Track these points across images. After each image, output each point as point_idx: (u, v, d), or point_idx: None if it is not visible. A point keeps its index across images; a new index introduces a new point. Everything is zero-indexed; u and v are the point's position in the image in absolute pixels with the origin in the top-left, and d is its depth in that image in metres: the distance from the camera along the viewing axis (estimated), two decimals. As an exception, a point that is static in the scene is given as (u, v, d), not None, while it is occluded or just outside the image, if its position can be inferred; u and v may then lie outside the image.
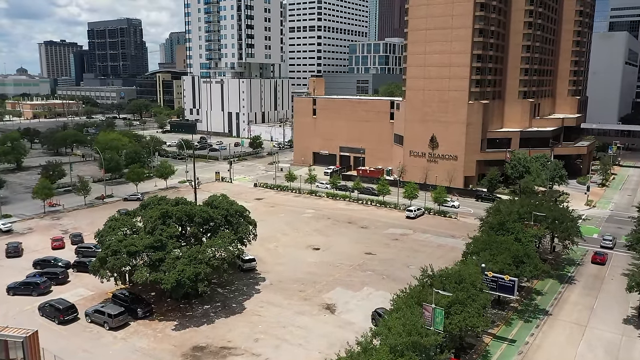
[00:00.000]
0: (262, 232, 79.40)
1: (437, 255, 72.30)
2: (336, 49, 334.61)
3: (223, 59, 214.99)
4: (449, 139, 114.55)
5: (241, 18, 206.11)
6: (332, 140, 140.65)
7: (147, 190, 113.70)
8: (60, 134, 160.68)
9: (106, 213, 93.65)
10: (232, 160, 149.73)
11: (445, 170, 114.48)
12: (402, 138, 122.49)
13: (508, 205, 65.98)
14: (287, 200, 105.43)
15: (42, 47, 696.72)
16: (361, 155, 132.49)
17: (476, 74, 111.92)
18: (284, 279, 63.49)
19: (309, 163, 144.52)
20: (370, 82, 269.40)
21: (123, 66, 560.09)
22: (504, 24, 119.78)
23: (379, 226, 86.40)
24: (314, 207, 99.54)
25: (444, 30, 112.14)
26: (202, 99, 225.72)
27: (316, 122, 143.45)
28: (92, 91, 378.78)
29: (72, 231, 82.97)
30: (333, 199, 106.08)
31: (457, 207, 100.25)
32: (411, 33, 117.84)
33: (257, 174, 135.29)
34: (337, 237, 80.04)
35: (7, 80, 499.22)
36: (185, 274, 48.67)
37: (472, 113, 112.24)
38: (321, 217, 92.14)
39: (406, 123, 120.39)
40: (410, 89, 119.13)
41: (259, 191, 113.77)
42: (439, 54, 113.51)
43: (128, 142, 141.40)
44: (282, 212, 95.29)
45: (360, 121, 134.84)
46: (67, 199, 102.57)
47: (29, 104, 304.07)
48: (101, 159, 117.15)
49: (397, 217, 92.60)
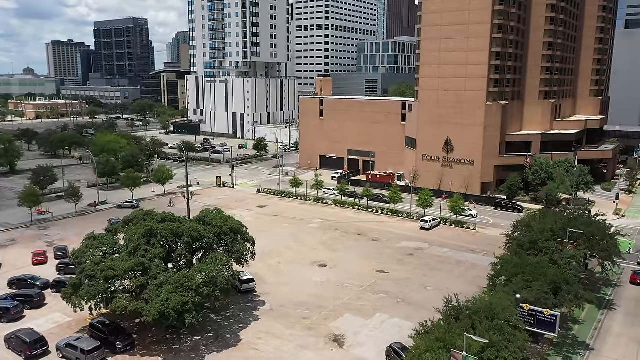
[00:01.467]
0: (263, 245, 72.71)
1: (456, 274, 65.02)
2: (344, 48, 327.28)
3: (227, 58, 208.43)
4: (465, 143, 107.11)
5: (246, 16, 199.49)
6: (339, 143, 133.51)
7: (144, 196, 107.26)
8: (57, 136, 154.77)
9: (97, 222, 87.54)
10: (235, 164, 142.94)
11: (461, 176, 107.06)
12: (414, 141, 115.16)
13: (540, 221, 58.39)
14: (292, 208, 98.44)
15: (49, 47, 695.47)
16: (371, 159, 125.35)
17: (495, 72, 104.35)
18: (286, 302, 56.46)
19: (316, 167, 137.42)
20: (379, 82, 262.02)
21: (129, 66, 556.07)
22: (524, 20, 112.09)
23: (391, 239, 79.17)
24: (320, 216, 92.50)
25: (460, 26, 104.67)
26: (206, 99, 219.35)
27: (323, 124, 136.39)
28: (96, 91, 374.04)
29: (57, 243, 76.51)
30: (341, 207, 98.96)
31: (474, 216, 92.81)
32: (424, 29, 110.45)
33: (260, 178, 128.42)
34: (346, 252, 72.90)
35: (12, 80, 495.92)
36: (170, 304, 41.80)
37: (490, 115, 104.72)
38: (328, 227, 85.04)
39: (419, 125, 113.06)
40: (424, 89, 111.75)
41: (262, 198, 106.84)
42: (454, 52, 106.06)
43: (126, 145, 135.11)
44: (286, 222, 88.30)
45: (369, 123, 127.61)
46: (58, 206, 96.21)
47: (31, 104, 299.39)
48: (94, 162, 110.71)
49: (411, 228, 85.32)
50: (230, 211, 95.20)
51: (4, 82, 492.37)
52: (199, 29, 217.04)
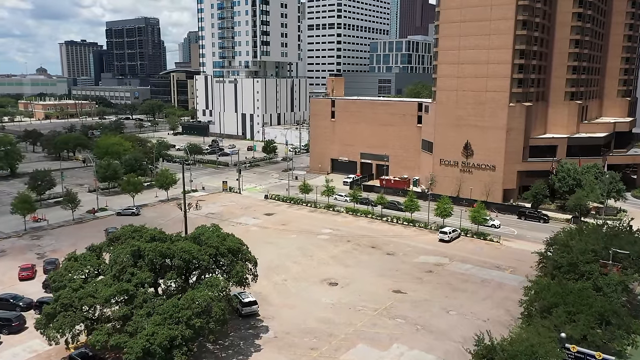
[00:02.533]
0: (269, 259, 67.08)
1: (481, 295, 58.60)
2: (356, 48, 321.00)
3: (237, 57, 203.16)
4: (485, 146, 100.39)
5: (256, 14, 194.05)
6: (352, 146, 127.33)
7: (146, 202, 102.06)
8: (61, 138, 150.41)
9: (94, 231, 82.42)
10: (242, 168, 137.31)
11: (482, 182, 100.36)
12: (431, 144, 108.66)
13: (580, 239, 51.71)
14: (301, 216, 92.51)
15: (62, 47, 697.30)
16: (385, 163, 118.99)
17: (518, 72, 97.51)
18: (292, 328, 50.49)
19: (327, 171, 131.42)
20: (392, 82, 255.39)
21: (140, 66, 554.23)
22: (549, 16, 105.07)
23: (408, 252, 72.86)
24: (331, 225, 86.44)
25: (482, 23, 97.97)
26: (215, 99, 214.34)
27: (335, 126, 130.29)
28: (106, 91, 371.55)
29: (48, 255, 71.37)
30: (353, 215, 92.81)
31: (497, 227, 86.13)
32: (443, 26, 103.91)
33: (269, 182, 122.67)
34: (358, 268, 66.74)
35: (24, 80, 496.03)
36: (157, 340, 36.07)
37: (513, 117, 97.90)
38: (339, 239, 78.94)
39: (436, 128, 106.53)
40: (441, 90, 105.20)
41: (269, 204, 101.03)
42: (475, 50, 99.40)
43: (130, 147, 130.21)
44: (294, 232, 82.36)
45: (383, 125, 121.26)
46: (55, 213, 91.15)
47: (40, 104, 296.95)
48: (91, 165, 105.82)
49: (429, 240, 78.92)
50: (235, 219, 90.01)
51: (17, 82, 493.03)
52: (208, 28, 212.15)
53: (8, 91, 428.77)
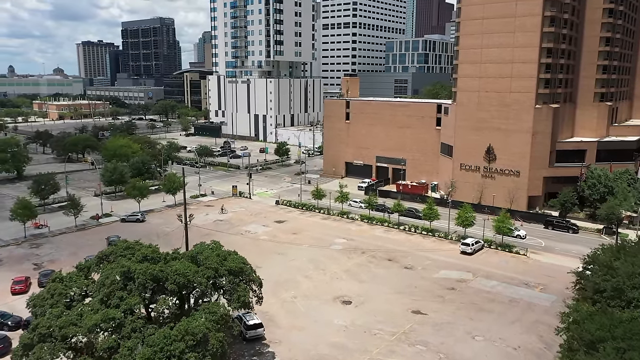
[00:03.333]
0: (278, 273, 62.51)
1: (510, 318, 53.21)
2: (372, 47, 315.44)
3: (250, 57, 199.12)
4: (509, 151, 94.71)
5: (269, 13, 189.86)
6: (367, 149, 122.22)
7: (152, 207, 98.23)
8: (70, 139, 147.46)
9: (95, 238, 78.62)
10: (253, 171, 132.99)
11: (505, 189, 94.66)
12: (451, 148, 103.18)
13: (625, 260, 46.01)
14: (314, 224, 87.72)
15: (79, 47, 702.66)
16: (401, 167, 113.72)
17: (545, 72, 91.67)
18: (301, 355, 45.73)
19: (341, 174, 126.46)
20: (409, 82, 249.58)
21: (155, 66, 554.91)
22: (578, 12, 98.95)
23: (427, 266, 67.64)
24: (345, 234, 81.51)
25: (506, 19, 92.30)
26: (228, 100, 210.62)
27: (349, 128, 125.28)
28: (120, 91, 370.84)
29: (46, 266, 67.64)
30: (368, 224, 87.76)
31: (523, 237, 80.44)
32: (464, 23, 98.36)
33: (281, 187, 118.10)
34: (374, 284, 61.72)
35: (41, 80, 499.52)
36: (144, 377, 31.59)
37: (539, 119, 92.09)
38: (354, 250, 73.98)
39: (456, 130, 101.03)
40: (462, 90, 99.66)
41: (280, 211, 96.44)
42: (498, 48, 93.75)
43: (139, 149, 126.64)
44: (305, 242, 77.59)
45: (400, 127, 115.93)
46: (58, 219, 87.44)
47: (54, 104, 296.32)
48: (101, 169, 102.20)
49: (450, 252, 73.58)
50: (244, 226, 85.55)
51: (33, 82, 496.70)
52: (220, 27, 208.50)
53: (25, 91, 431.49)
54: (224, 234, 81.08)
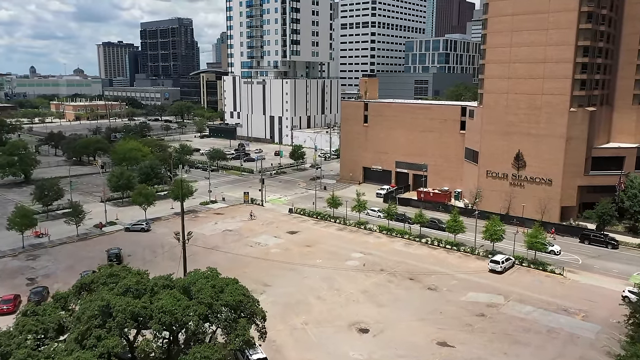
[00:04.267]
0: (289, 292, 56.96)
1: (551, 353, 46.70)
2: (391, 47, 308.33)
3: (265, 57, 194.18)
4: (541, 157, 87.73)
5: (286, 12, 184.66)
6: (386, 154, 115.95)
7: (160, 214, 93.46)
8: (80, 142, 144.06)
9: (96, 250, 73.85)
10: (266, 176, 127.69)
11: (535, 198, 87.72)
12: (476, 154, 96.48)
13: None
14: (328, 235, 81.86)
15: (100, 48, 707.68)
16: (423, 173, 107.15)
17: (581, 72, 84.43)
18: (311, 397, 39.99)
19: (358, 180, 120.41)
20: (430, 83, 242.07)
21: (173, 66, 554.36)
22: (616, 7, 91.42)
23: (453, 287, 61.31)
24: (362, 248, 75.50)
25: (538, 15, 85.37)
26: (243, 101, 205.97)
27: (368, 131, 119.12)
28: (137, 92, 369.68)
29: (39, 281, 63.01)
30: (388, 236, 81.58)
31: (557, 253, 73.51)
32: (492, 20, 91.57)
33: (295, 193, 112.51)
34: (394, 308, 55.61)
35: (60, 81, 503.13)
36: None
37: (574, 123, 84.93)
38: (372, 267, 67.93)
39: (482, 135, 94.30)
40: (489, 92, 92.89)
41: (293, 220, 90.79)
42: (529, 47, 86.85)
43: (149, 153, 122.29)
44: (319, 256, 71.81)
45: (422, 131, 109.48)
46: (60, 227, 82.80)
47: (71, 105, 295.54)
48: (108, 171, 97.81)
49: (477, 270, 67.10)
50: (254, 238, 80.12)
51: (53, 82, 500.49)
52: (236, 27, 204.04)
53: (45, 92, 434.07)
54: (232, 246, 75.81)
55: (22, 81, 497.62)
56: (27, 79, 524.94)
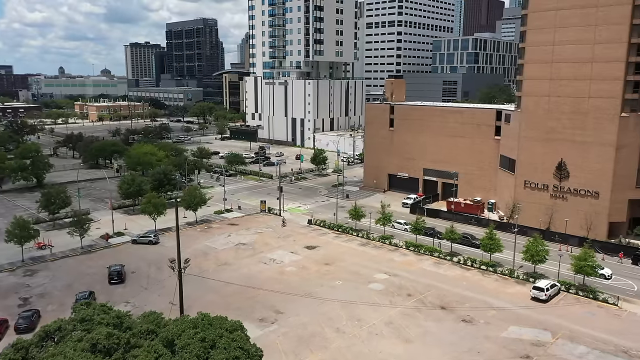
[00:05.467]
0: (303, 322, 50.66)
1: (613, 410, 38.90)
2: (418, 47, 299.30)
3: (288, 57, 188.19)
4: (586, 167, 79.16)
5: (309, 11, 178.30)
6: (413, 160, 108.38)
7: (171, 224, 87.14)
8: (96, 144, 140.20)
9: (100, 265, 68.39)
10: (286, 181, 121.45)
11: (580, 212, 79.19)
12: (513, 162, 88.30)
13: None
14: (350, 252, 74.89)
15: (127, 49, 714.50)
16: (453, 181, 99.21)
17: (635, 73, 75.57)
18: None
19: (383, 188, 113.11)
20: (459, 84, 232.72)
21: (198, 67, 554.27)
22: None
23: (491, 319, 53.70)
24: (387, 267, 68.31)
25: (586, 10, 76.89)
26: (264, 102, 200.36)
27: (393, 136, 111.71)
28: (161, 92, 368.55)
29: (34, 301, 57.73)
30: (415, 253, 74.18)
31: (608, 277, 65.10)
32: (532, 16, 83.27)
33: (315, 201, 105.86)
34: (424, 345, 48.34)
35: (87, 81, 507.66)
36: None
37: (625, 130, 76.20)
38: (398, 290, 60.75)
39: (520, 142, 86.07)
40: (528, 95, 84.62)
41: (312, 233, 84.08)
42: (575, 45, 78.39)
43: (164, 157, 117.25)
44: (339, 276, 64.95)
45: (452, 136, 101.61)
46: (65, 237, 77.24)
47: (94, 105, 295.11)
48: (121, 175, 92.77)
49: (517, 297, 59.29)
50: (269, 253, 73.62)
51: (80, 83, 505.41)
52: (258, 26, 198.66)
53: (71, 92, 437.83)
54: (245, 263, 69.54)
55: (50, 81, 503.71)
56: (54, 79, 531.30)
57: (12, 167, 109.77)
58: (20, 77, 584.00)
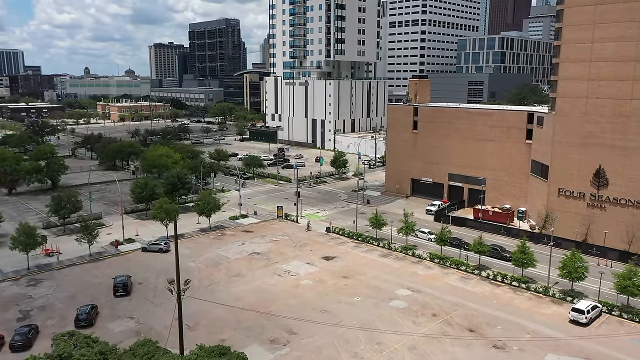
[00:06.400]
0: (318, 345, 46.58)
1: None
2: (442, 46, 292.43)
3: (308, 57, 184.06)
4: (628, 175, 73.02)
5: (330, 9, 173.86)
6: (438, 165, 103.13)
7: (184, 230, 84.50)
8: (113, 146, 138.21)
9: (106, 275, 65.11)
10: (305, 185, 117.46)
11: (621, 224, 73.13)
12: (546, 168, 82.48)
13: None
14: (370, 264, 70.24)
15: (151, 49, 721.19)
16: (480, 187, 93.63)
17: (683, 72, 69.31)
18: None
19: (406, 193, 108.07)
20: (485, 84, 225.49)
21: (220, 67, 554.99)
22: None
23: (525, 345, 48.51)
24: (409, 282, 63.52)
25: (629, 4, 70.84)
26: (284, 103, 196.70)
27: (417, 139, 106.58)
28: (182, 92, 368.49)
29: (34, 315, 54.59)
30: (440, 266, 69.14)
31: (654, 297, 59.09)
32: (569, 11, 77.38)
33: (334, 207, 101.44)
34: (451, 374, 43.60)
35: (111, 81, 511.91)
36: None
37: (672, 135, 69.87)
38: (421, 309, 55.90)
39: (554, 146, 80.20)
40: (564, 96, 78.69)
41: (331, 242, 79.63)
42: (616, 42, 72.34)
43: (180, 160, 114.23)
44: (358, 292, 60.38)
45: (480, 140, 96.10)
46: (74, 244, 74.18)
47: (116, 106, 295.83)
48: (137, 177, 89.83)
49: (554, 319, 53.87)
50: (284, 264, 69.43)
51: (104, 83, 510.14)
52: (279, 25, 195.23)
53: (95, 92, 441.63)
54: (258, 274, 65.51)
55: (75, 82, 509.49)
56: (79, 80, 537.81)
57: (27, 169, 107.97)
58: (47, 78, 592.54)
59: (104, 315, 54.46)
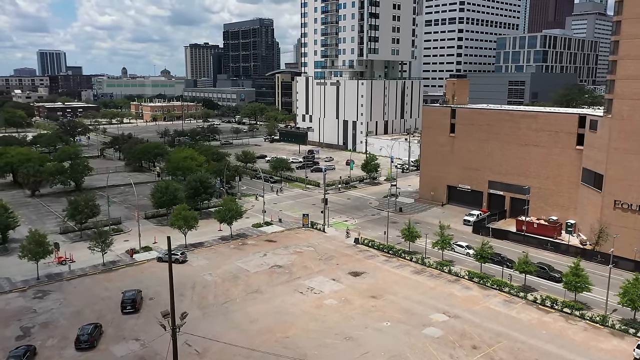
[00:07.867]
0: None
1: None
2: (480, 44, 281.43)
3: (340, 56, 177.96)
4: (697, 187, 64.36)
5: (364, 6, 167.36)
6: (477, 171, 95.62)
7: (204, 238, 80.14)
8: (139, 147, 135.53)
9: (117, 287, 60.91)
10: (334, 190, 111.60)
11: (688, 242, 64.44)
12: (600, 177, 74.25)
13: None
14: (401, 282, 63.82)
15: (187, 49, 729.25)
16: (524, 197, 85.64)
17: None
18: None
19: (441, 201, 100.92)
20: (527, 84, 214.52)
21: (254, 67, 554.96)
22: None
23: (584, 389, 41.43)
24: (445, 304, 56.86)
25: (702, -7, 62.26)
26: (315, 103, 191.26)
27: (454, 143, 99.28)
28: (214, 92, 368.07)
29: (36, 332, 50.57)
30: (480, 286, 62.14)
31: None
32: (630, 2, 69.11)
33: (364, 215, 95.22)
34: None
35: (146, 81, 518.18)
36: None
37: None
38: (459, 340, 49.22)
39: (610, 153, 71.92)
40: (622, 98, 70.39)
41: (359, 255, 73.53)
42: (686, 37, 63.83)
43: (204, 162, 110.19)
44: (387, 317, 54.06)
45: (524, 145, 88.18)
46: (88, 251, 70.80)
47: (149, 105, 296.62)
48: (162, 179, 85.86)
49: (615, 356, 46.44)
50: (307, 279, 63.78)
51: (140, 83, 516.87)
52: (311, 23, 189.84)
53: (131, 92, 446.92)
54: (279, 291, 60.03)
55: (111, 82, 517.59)
56: (115, 80, 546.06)
57: (50, 170, 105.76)
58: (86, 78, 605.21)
59: (108, 335, 49.99)
